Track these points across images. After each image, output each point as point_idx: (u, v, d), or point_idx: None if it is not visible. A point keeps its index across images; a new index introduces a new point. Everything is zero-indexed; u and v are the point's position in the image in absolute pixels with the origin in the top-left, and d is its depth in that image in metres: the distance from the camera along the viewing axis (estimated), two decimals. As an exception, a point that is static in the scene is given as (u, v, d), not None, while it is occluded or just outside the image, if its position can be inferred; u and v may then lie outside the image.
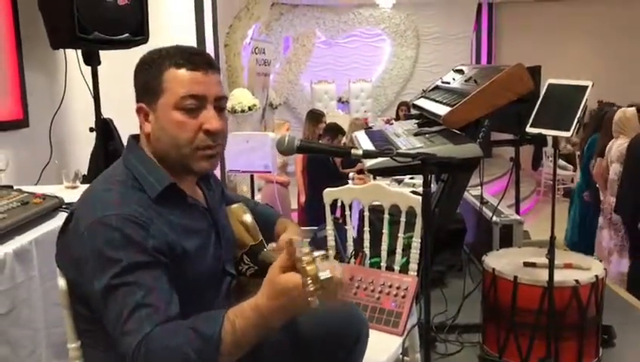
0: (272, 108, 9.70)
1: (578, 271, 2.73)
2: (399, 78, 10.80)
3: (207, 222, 1.38)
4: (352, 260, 2.29)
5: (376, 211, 2.41)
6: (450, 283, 3.67)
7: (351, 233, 2.33)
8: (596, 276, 2.67)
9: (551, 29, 10.31)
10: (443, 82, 3.41)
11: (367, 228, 2.26)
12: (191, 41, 6.40)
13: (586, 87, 2.32)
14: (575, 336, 2.66)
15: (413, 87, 10.46)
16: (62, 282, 1.29)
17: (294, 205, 5.97)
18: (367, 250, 2.28)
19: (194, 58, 1.30)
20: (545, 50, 9.81)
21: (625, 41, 10.07)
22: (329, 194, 2.28)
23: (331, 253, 1.03)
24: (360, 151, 1.44)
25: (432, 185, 3.43)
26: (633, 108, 4.60)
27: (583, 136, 5.76)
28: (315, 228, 4.08)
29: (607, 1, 10.12)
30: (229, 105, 5.73)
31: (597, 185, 4.80)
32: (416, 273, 2.14)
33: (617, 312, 3.28)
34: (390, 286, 2.07)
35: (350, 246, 2.34)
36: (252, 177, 4.72)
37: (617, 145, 4.40)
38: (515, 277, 2.66)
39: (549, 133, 2.33)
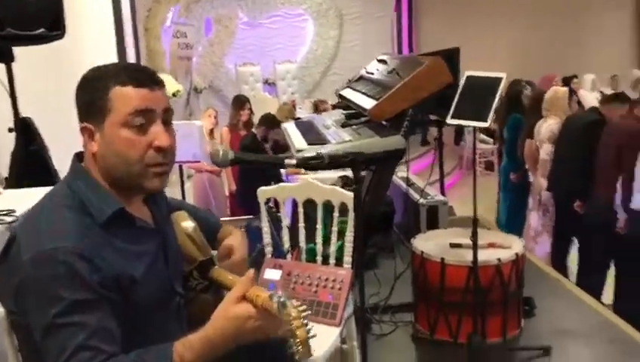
0: (197, 92, 9.52)
1: (500, 249, 2.92)
2: (324, 58, 10.84)
3: (155, 243, 1.37)
4: (289, 255, 2.35)
5: (311, 202, 2.47)
6: (382, 265, 3.79)
7: (286, 226, 2.38)
8: (516, 253, 2.87)
9: (470, 11, 10.69)
10: (367, 72, 3.49)
11: (302, 225, 2.32)
12: (109, 28, 6.20)
13: (501, 78, 2.46)
14: (499, 311, 2.86)
15: (338, 66, 10.55)
16: (1, 309, 1.27)
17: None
18: (303, 245, 2.34)
19: (138, 75, 1.29)
20: (463, 30, 10.13)
21: (540, 23, 10.72)
22: (263, 193, 2.32)
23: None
24: (294, 161, 1.49)
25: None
26: (565, 88, 4.54)
27: (499, 115, 5.91)
28: (250, 217, 4.09)
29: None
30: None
31: (526, 166, 4.72)
32: (350, 266, 2.23)
33: (535, 282, 3.52)
34: (326, 280, 2.14)
35: (286, 242, 2.39)
36: (180, 166, 4.67)
37: (547, 125, 4.37)
38: (442, 259, 2.82)
39: (468, 123, 2.47)
